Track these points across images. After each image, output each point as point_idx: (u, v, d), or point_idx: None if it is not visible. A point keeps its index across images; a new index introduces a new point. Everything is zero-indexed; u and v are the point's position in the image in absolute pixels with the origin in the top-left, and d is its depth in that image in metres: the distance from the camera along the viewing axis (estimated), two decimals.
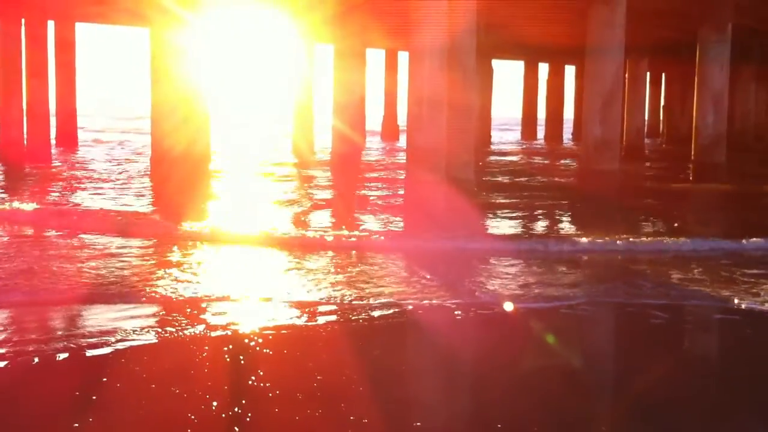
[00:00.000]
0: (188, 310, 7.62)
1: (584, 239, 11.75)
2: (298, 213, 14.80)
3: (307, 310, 7.68)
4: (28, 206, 14.15)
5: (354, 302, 7.95)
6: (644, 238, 12.07)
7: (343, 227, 12.48)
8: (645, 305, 8.19)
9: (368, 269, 9.55)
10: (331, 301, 7.97)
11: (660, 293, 8.69)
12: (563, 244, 11.49)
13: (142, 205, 15.26)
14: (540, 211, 15.90)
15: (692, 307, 8.46)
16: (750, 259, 10.74)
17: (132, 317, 7.32)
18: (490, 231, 13.17)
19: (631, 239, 11.75)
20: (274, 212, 14.76)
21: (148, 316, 7.44)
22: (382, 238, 11.68)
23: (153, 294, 8.17)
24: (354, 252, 10.60)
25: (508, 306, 8.03)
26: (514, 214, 15.28)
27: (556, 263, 10.31)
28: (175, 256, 10.22)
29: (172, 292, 8.23)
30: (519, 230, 13.55)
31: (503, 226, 13.90)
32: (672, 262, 10.58)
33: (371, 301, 8.01)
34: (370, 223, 13.85)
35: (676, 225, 14.40)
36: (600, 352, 7.18)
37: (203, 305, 7.79)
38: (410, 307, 7.87)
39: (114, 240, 11.08)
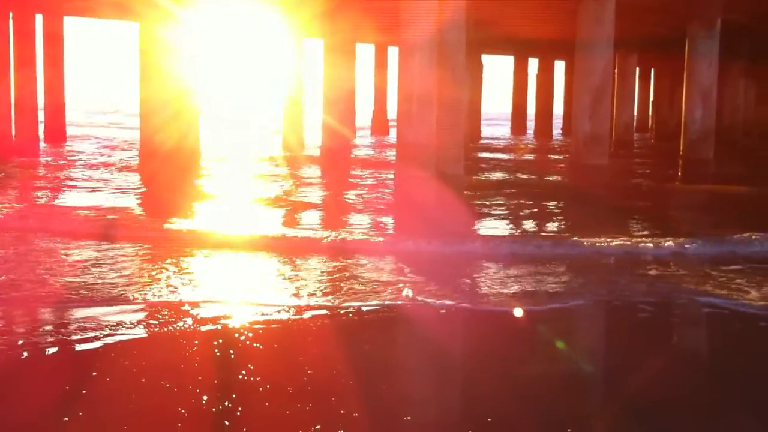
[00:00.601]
0: (173, 314, 7.60)
1: (578, 240, 11.43)
2: (287, 212, 14.58)
3: (292, 313, 7.67)
4: (14, 206, 13.91)
5: (340, 305, 7.88)
6: (638, 240, 11.73)
7: (332, 229, 12.10)
8: (636, 306, 8.21)
9: (357, 272, 9.37)
10: (318, 305, 7.91)
11: (651, 292, 8.71)
12: (554, 246, 11.13)
13: (130, 204, 15.02)
14: (530, 210, 15.70)
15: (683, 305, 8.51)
16: (742, 259, 10.62)
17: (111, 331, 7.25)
18: (480, 228, 13.07)
19: (623, 241, 11.44)
20: (264, 212, 14.52)
21: (132, 313, 7.43)
22: (376, 239, 11.36)
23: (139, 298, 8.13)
24: (344, 254, 10.29)
25: (502, 308, 7.95)
26: (503, 212, 15.22)
27: (547, 264, 10.20)
28: (167, 262, 9.77)
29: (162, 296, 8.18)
30: (509, 228, 13.45)
31: (493, 223, 13.81)
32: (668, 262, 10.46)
33: (356, 303, 7.95)
34: (360, 220, 13.77)
35: (668, 225, 13.99)
36: (593, 352, 7.17)
37: (188, 308, 7.77)
38: (399, 309, 7.82)
39: (101, 246, 10.46)
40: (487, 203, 16.02)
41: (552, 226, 14.12)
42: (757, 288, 8.86)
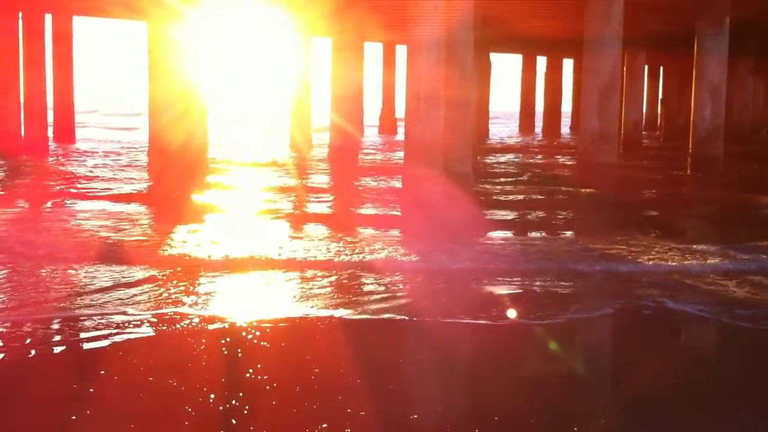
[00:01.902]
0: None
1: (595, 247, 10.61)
2: (297, 223, 13.26)
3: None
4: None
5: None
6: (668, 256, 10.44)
7: (345, 243, 10.97)
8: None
9: (386, 290, 8.67)
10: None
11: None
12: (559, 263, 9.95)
13: (138, 212, 14.04)
14: (540, 213, 14.95)
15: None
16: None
17: None
18: (488, 229, 12.58)
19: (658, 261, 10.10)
20: (271, 224, 13.19)
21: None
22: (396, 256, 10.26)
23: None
24: (360, 273, 9.34)
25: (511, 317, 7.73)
26: (512, 212, 14.72)
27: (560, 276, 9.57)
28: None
29: None
30: (519, 231, 12.76)
31: (502, 225, 13.19)
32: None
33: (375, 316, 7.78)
34: (370, 228, 12.66)
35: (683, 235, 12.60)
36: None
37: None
38: (415, 324, 7.57)
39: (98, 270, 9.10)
40: (496, 202, 15.84)
41: (567, 234, 13.12)
42: None
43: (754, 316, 7.67)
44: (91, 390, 5.49)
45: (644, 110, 39.52)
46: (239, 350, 6.42)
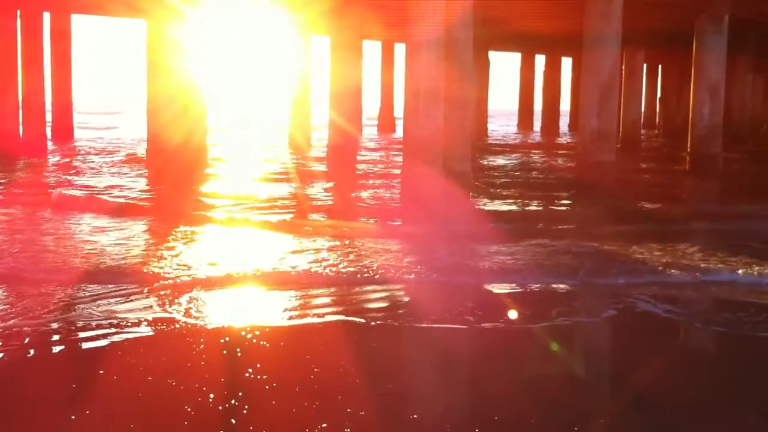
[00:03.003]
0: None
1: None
2: (293, 231, 12.35)
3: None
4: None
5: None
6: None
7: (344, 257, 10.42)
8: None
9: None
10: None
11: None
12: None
13: (135, 221, 12.93)
14: (539, 216, 14.37)
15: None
16: None
17: None
18: (490, 235, 11.92)
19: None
20: (267, 233, 12.43)
21: None
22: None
23: None
24: (359, 283, 8.99)
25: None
26: (513, 216, 14.26)
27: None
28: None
29: None
30: (519, 237, 11.98)
31: (504, 231, 12.33)
32: None
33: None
34: (370, 236, 11.88)
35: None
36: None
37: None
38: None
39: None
40: (495, 198, 15.78)
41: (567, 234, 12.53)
42: None
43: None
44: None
45: (643, 108, 39.55)
46: (236, 355, 6.44)
